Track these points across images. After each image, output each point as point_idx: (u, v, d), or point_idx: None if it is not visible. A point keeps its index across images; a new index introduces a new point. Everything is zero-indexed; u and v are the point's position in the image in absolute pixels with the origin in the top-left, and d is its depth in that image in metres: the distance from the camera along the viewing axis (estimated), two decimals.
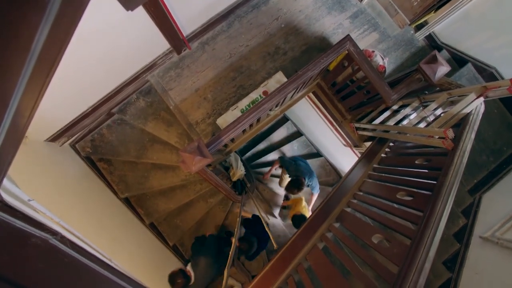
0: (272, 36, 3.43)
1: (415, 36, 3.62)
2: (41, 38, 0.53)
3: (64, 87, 2.32)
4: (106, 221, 2.89)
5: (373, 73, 2.42)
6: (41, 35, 0.52)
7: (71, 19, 0.56)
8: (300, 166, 3.68)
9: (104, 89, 2.92)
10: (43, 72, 0.64)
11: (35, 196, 1.31)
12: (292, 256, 1.97)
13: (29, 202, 1.13)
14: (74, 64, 2.17)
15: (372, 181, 2.27)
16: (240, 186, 3.96)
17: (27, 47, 0.53)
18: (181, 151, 2.00)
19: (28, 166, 2.21)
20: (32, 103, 0.70)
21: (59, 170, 2.79)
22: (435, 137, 1.89)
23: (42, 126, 2.68)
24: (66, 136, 3.05)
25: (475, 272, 2.64)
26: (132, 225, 3.46)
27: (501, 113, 3.36)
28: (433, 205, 1.47)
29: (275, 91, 2.32)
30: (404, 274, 1.17)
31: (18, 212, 0.95)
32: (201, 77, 3.32)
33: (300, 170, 3.63)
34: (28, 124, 0.77)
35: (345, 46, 2.39)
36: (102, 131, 3.39)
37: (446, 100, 2.31)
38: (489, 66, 3.22)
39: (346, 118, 3.32)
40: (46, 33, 0.53)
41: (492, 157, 3.30)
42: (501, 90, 1.86)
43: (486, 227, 2.77)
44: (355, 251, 1.68)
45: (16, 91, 0.57)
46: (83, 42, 2.05)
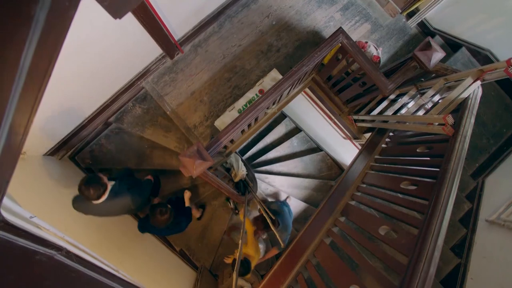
0: (264, 34, 3.41)
1: (407, 24, 3.61)
2: (29, 54, 0.51)
3: (58, 100, 2.31)
4: (111, 231, 2.88)
5: (368, 64, 2.41)
6: (28, 50, 0.51)
7: (58, 32, 0.55)
8: (284, 218, 3.26)
9: (99, 99, 2.91)
10: (34, 88, 0.63)
11: (37, 212, 1.30)
12: (300, 253, 1.96)
13: (31, 219, 1.12)
14: (66, 77, 2.15)
15: (375, 172, 2.26)
16: (242, 187, 3.94)
17: (16, 64, 0.52)
18: (181, 156, 1.98)
19: (28, 182, 2.20)
20: (26, 120, 0.69)
21: (60, 184, 2.77)
22: (435, 124, 1.88)
23: (40, 141, 2.67)
24: (65, 149, 3.04)
25: (483, 256, 2.64)
26: (137, 233, 3.45)
27: (498, 95, 3.36)
28: (438, 192, 1.46)
29: (271, 89, 2.30)
30: (414, 265, 1.16)
31: (21, 231, 0.94)
32: (196, 80, 3.30)
33: (283, 220, 3.18)
34: (23, 141, 0.76)
35: (338, 39, 2.38)
36: (100, 142, 3.38)
37: (443, 86, 2.30)
38: (483, 49, 3.21)
39: (343, 111, 3.31)
40: (33, 48, 0.52)
41: (493, 140, 3.30)
42: (497, 72, 1.84)
43: (491, 210, 2.77)
44: (363, 244, 1.67)
45: (7, 109, 0.56)
46: (74, 53, 2.04)
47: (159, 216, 2.53)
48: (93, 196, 2.16)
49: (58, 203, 2.40)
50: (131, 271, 2.49)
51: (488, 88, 3.29)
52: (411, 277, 1.14)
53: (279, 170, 4.93)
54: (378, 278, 1.39)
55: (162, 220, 2.55)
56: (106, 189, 2.25)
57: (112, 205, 2.41)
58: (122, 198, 2.47)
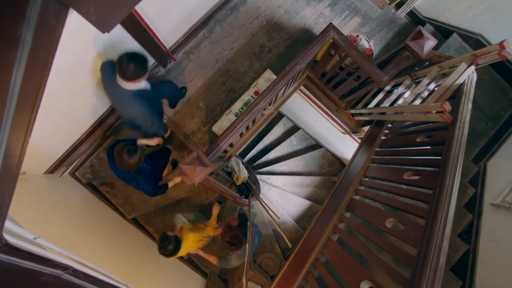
0: (255, 35, 3.41)
1: (396, 15, 3.61)
2: (18, 75, 0.51)
3: (54, 117, 2.29)
4: (117, 245, 2.86)
5: (361, 58, 2.40)
6: (18, 72, 0.50)
7: (47, 51, 0.54)
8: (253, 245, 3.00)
9: (95, 113, 2.90)
10: (27, 109, 0.62)
11: (41, 232, 1.29)
12: (308, 252, 1.95)
13: (35, 240, 1.11)
14: (60, 94, 2.14)
15: (376, 165, 2.26)
16: (245, 190, 3.94)
17: (5, 87, 0.51)
18: (181, 164, 1.97)
19: (29, 202, 2.18)
20: (21, 142, 0.68)
21: (62, 201, 2.76)
22: (433, 112, 1.87)
23: (38, 160, 2.65)
24: (65, 165, 3.02)
25: (492, 240, 2.63)
26: (144, 244, 3.44)
27: (493, 78, 3.36)
28: (442, 180, 1.45)
29: (266, 90, 2.30)
30: (423, 256, 1.16)
31: (25, 253, 0.93)
32: (190, 87, 3.29)
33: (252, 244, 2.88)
34: (21, 163, 0.75)
35: (329, 35, 2.38)
36: (100, 155, 3.36)
37: (437, 74, 2.30)
38: (474, 33, 3.22)
39: (340, 106, 3.31)
40: (23, 69, 0.51)
41: (491, 123, 3.30)
42: (491, 55, 1.84)
43: (496, 194, 2.76)
44: (370, 238, 1.66)
45: (1, 133, 0.55)
46: (66, 70, 2.02)
47: (125, 156, 2.06)
48: (128, 72, 1.95)
49: (62, 221, 2.39)
50: (141, 285, 2.48)
51: (482, 72, 3.29)
52: (422, 268, 1.13)
53: (280, 170, 4.92)
54: (388, 271, 1.38)
55: (127, 163, 2.09)
56: (144, 74, 2.05)
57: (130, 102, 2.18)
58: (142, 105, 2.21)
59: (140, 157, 2.13)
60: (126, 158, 2.06)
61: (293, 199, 4.63)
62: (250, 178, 4.06)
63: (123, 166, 2.12)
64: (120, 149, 2.07)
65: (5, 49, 0.47)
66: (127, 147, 2.07)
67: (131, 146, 2.09)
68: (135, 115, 2.31)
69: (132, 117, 2.35)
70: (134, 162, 2.10)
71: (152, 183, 2.58)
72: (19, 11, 0.45)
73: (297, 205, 4.61)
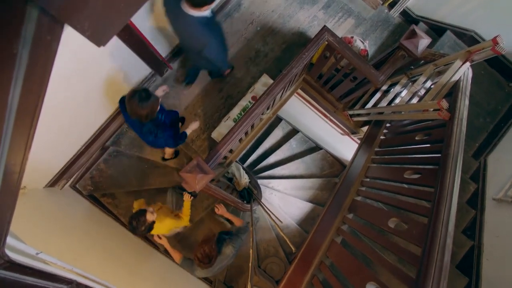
0: (250, 40, 3.43)
1: (390, 14, 3.64)
2: (16, 92, 0.51)
3: (53, 131, 2.30)
4: (120, 256, 2.85)
5: (356, 59, 2.41)
6: (15, 88, 0.51)
7: (44, 66, 0.54)
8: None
9: (94, 125, 2.90)
10: (25, 125, 0.62)
11: (43, 246, 1.28)
12: (313, 255, 1.95)
13: (38, 255, 1.10)
14: (58, 107, 2.14)
15: (377, 165, 2.26)
16: (247, 195, 3.93)
17: (3, 104, 0.51)
18: (182, 172, 1.97)
19: (31, 216, 2.18)
20: (21, 158, 0.68)
21: (64, 214, 2.75)
22: (430, 110, 1.88)
23: (39, 174, 2.65)
24: (65, 178, 3.02)
25: (496, 235, 2.62)
26: (147, 254, 3.42)
27: (488, 73, 3.37)
28: (442, 178, 1.45)
29: (263, 95, 2.31)
30: (428, 254, 1.15)
31: (28, 269, 0.93)
32: (187, 94, 3.30)
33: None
34: (21, 179, 0.75)
35: (323, 37, 2.39)
36: (100, 167, 3.36)
37: (433, 72, 2.31)
38: (468, 30, 3.24)
39: (338, 108, 3.31)
40: (20, 86, 0.51)
41: (489, 118, 3.31)
42: (485, 51, 1.85)
43: (497, 188, 2.76)
44: (374, 238, 1.66)
45: (0, 151, 0.55)
46: (64, 84, 2.03)
47: (136, 103, 1.90)
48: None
49: (64, 234, 2.38)
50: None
51: (478, 68, 3.30)
52: (427, 267, 1.12)
53: (281, 174, 4.91)
54: (394, 272, 1.38)
55: (138, 112, 1.94)
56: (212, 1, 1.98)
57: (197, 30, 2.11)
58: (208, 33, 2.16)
59: (153, 106, 1.98)
60: (136, 105, 1.90)
61: (295, 202, 4.62)
62: (251, 183, 4.06)
63: (134, 114, 1.97)
64: (131, 95, 1.91)
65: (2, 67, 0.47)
66: (138, 93, 1.91)
67: (143, 92, 1.93)
68: (202, 44, 2.20)
69: (198, 46, 2.23)
70: (145, 112, 1.96)
71: (172, 135, 2.41)
72: (14, 29, 0.45)
73: (299, 208, 4.60)
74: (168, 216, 2.68)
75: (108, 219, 3.37)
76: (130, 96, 1.92)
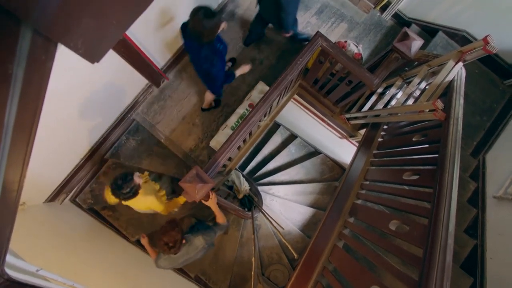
0: (245, 48, 3.46)
1: (382, 18, 3.68)
2: (11, 112, 0.51)
3: (51, 146, 2.30)
4: (122, 269, 2.83)
5: (350, 63, 2.43)
6: (11, 109, 0.51)
7: (39, 85, 0.55)
8: None
9: (92, 138, 2.91)
10: (22, 143, 0.63)
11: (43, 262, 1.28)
12: (315, 261, 1.94)
13: (38, 272, 1.10)
14: (55, 123, 2.15)
15: (376, 167, 2.26)
16: (248, 202, 3.92)
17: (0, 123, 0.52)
18: (181, 182, 1.97)
19: (31, 233, 2.17)
20: (18, 176, 0.68)
21: (64, 229, 2.74)
22: (426, 110, 1.89)
23: (38, 189, 2.64)
24: (65, 192, 3.01)
25: (498, 233, 2.62)
26: (149, 266, 3.39)
27: (482, 72, 3.40)
28: (441, 178, 1.46)
29: (260, 102, 2.32)
30: (429, 256, 1.15)
31: (28, 287, 0.92)
32: (185, 104, 3.32)
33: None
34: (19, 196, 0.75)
35: (317, 43, 2.41)
36: (99, 179, 3.35)
37: (427, 72, 2.33)
38: (459, 30, 3.28)
39: (335, 112, 3.33)
40: (16, 106, 0.52)
41: (485, 116, 3.32)
42: (477, 51, 1.87)
43: (497, 186, 2.76)
44: (376, 242, 1.65)
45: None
46: (60, 100, 2.04)
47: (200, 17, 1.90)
48: None
49: (65, 249, 2.36)
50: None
51: (471, 67, 3.34)
52: (429, 268, 1.12)
53: (281, 180, 4.90)
54: (397, 274, 1.37)
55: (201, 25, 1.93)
56: None
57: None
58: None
59: (216, 25, 1.99)
60: (200, 20, 1.91)
61: (296, 207, 4.60)
62: (252, 190, 4.05)
63: (195, 31, 1.98)
64: (196, 10, 1.93)
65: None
66: (204, 9, 1.92)
67: (208, 9, 1.93)
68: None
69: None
70: (207, 29, 1.97)
71: (224, 68, 2.49)
72: (9, 50, 0.46)
73: (301, 214, 4.58)
74: (153, 195, 2.42)
75: (109, 232, 3.35)
76: (195, 11, 1.93)
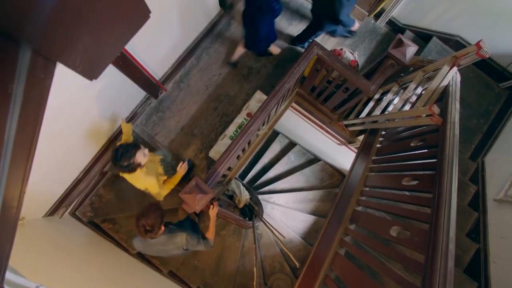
0: (242, 58, 3.49)
1: (376, 25, 3.73)
2: (12, 130, 0.52)
3: (50, 161, 2.30)
4: (123, 282, 2.80)
5: (346, 70, 2.46)
6: (11, 126, 0.52)
7: (38, 103, 0.56)
8: None
9: (91, 151, 2.91)
10: (22, 160, 0.63)
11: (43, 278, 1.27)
12: (317, 269, 1.92)
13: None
14: (55, 137, 2.15)
15: (375, 173, 2.26)
16: (248, 212, 3.90)
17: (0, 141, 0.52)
18: (181, 193, 1.97)
19: (30, 248, 2.15)
20: (18, 192, 0.69)
21: (64, 243, 2.72)
22: (423, 116, 1.90)
23: (37, 204, 2.63)
24: (64, 206, 3.00)
25: (500, 236, 2.60)
26: (151, 278, 3.36)
27: (477, 76, 3.44)
28: (440, 183, 1.46)
29: (258, 111, 2.33)
30: (431, 262, 1.15)
31: None
32: (183, 115, 3.33)
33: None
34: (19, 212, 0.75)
35: (313, 51, 2.44)
36: (99, 192, 3.34)
37: (423, 78, 2.35)
38: (453, 35, 3.32)
39: (333, 119, 3.34)
40: (15, 123, 0.52)
41: (482, 119, 3.34)
42: (470, 56, 1.90)
43: (497, 189, 2.76)
44: (377, 248, 1.65)
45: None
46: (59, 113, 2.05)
47: None
48: None
49: (65, 263, 2.34)
50: None
51: (466, 71, 3.37)
52: (431, 275, 1.12)
53: (281, 188, 4.90)
54: (400, 281, 1.36)
55: None
56: None
57: None
58: None
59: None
60: None
61: (297, 215, 4.59)
62: (252, 199, 4.04)
63: None
64: None
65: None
66: None
67: None
68: None
69: None
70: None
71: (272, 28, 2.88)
72: (9, 71, 0.47)
73: (302, 222, 4.56)
74: (154, 177, 2.39)
75: (109, 245, 3.33)
76: None
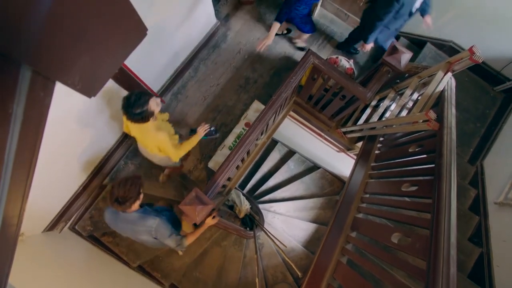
0: (239, 69, 3.53)
1: None
2: (12, 149, 0.53)
3: (49, 176, 2.30)
4: None
5: (343, 78, 2.49)
6: (11, 146, 0.52)
7: (38, 121, 0.57)
8: None
9: (90, 164, 2.91)
10: (22, 177, 0.64)
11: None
12: (319, 278, 1.90)
13: None
14: (53, 151, 2.15)
15: (375, 180, 2.26)
16: (249, 221, 3.88)
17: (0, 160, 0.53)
18: (181, 205, 1.96)
19: (29, 264, 2.13)
20: (18, 210, 0.69)
21: (64, 258, 2.69)
22: (419, 121, 1.92)
23: (36, 218, 2.62)
24: (63, 220, 2.98)
25: (503, 239, 2.59)
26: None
27: (472, 80, 3.47)
28: (439, 188, 1.46)
29: (256, 121, 2.35)
30: (433, 268, 1.14)
31: None
32: (182, 126, 3.34)
33: None
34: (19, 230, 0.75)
35: (309, 60, 2.47)
36: (98, 205, 3.32)
37: (418, 84, 2.38)
38: (446, 41, 3.37)
39: (331, 126, 3.36)
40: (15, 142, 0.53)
41: (479, 123, 3.36)
42: (464, 61, 1.92)
43: (497, 192, 2.76)
44: (379, 255, 1.64)
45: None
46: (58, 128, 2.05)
47: None
48: None
49: (65, 279, 2.32)
50: None
51: (461, 75, 3.40)
52: (434, 281, 1.11)
53: (282, 196, 4.88)
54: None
55: None
56: None
57: None
58: None
59: None
60: None
61: (298, 224, 4.56)
62: (252, 209, 4.02)
63: None
64: None
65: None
66: None
67: None
68: None
69: None
70: None
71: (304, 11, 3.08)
72: (9, 91, 0.48)
73: (303, 230, 4.53)
74: (166, 132, 2.20)
75: (110, 259, 3.29)
76: None
